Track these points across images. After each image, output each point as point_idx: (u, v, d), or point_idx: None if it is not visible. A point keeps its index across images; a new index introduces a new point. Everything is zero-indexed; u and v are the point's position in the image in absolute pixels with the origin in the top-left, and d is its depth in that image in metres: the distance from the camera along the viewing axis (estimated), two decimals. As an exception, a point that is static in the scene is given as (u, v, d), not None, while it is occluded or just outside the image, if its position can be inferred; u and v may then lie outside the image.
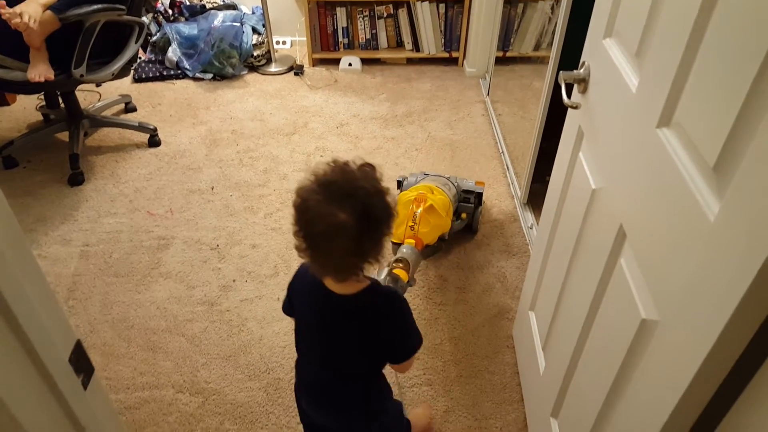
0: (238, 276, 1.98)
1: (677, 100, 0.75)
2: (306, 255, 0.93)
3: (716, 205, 0.64)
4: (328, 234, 0.88)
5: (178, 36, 3.17)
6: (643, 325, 0.81)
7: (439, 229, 1.91)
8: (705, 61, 0.70)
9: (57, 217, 2.23)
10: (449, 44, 3.38)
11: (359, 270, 0.98)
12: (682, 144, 0.73)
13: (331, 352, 1.09)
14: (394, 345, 1.08)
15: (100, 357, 1.66)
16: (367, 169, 0.93)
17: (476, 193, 2.11)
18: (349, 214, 0.87)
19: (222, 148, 2.67)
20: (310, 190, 0.89)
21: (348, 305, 1.02)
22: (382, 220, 0.92)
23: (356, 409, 1.14)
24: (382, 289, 1.08)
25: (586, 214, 1.09)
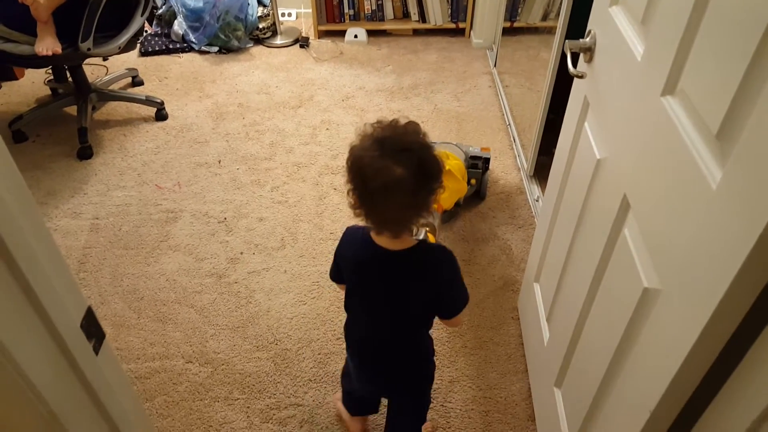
0: (246, 249, 2.00)
1: (682, 68, 0.74)
2: (362, 212, 0.96)
3: (718, 172, 0.64)
4: (386, 188, 0.90)
5: (184, 9, 3.14)
6: (645, 294, 0.82)
7: (456, 194, 1.98)
8: (708, 28, 0.69)
9: (67, 191, 2.25)
10: (456, 15, 3.32)
11: (413, 224, 1.00)
12: (686, 112, 0.72)
13: (385, 309, 1.11)
14: (444, 299, 1.09)
15: (110, 328, 1.70)
16: (414, 126, 0.95)
17: (484, 159, 2.16)
18: (405, 168, 0.89)
19: (228, 122, 2.67)
20: (365, 148, 0.91)
21: (401, 260, 1.03)
22: (435, 173, 0.95)
23: (406, 365, 1.18)
24: (433, 245, 1.10)
25: (591, 185, 1.09)
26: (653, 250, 0.80)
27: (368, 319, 1.15)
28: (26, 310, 0.54)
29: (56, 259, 0.62)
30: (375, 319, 1.13)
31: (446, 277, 1.07)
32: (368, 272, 1.08)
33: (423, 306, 1.10)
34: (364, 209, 0.96)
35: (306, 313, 1.76)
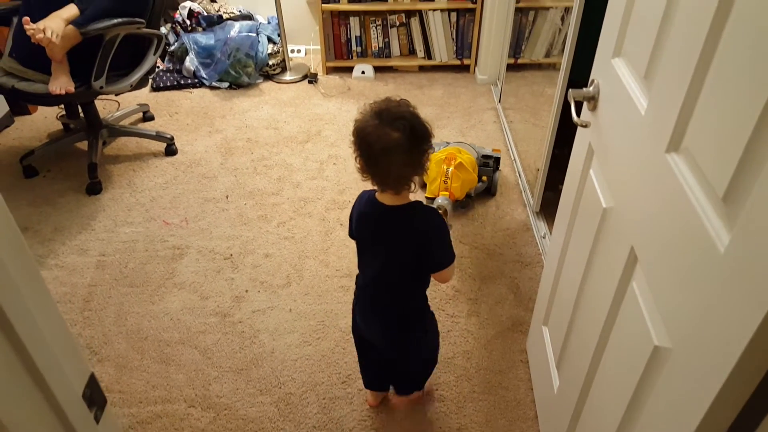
0: (251, 286, 1.99)
1: (686, 125, 0.74)
2: (367, 174, 1.16)
3: (726, 236, 0.63)
4: (386, 150, 1.10)
5: (196, 46, 3.20)
6: (655, 352, 0.80)
7: (468, 184, 2.20)
8: (713, 87, 0.69)
9: (75, 227, 2.26)
10: (461, 52, 3.37)
11: (411, 181, 1.17)
12: (692, 171, 0.72)
13: (384, 259, 1.28)
14: (430, 251, 1.24)
15: (113, 369, 1.69)
16: (405, 101, 1.16)
17: (494, 158, 2.37)
18: (400, 132, 1.09)
19: (237, 157, 2.69)
20: (366, 119, 1.12)
21: (396, 213, 1.22)
22: (425, 135, 1.14)
23: (401, 322, 1.35)
24: (425, 206, 1.27)
25: (598, 233, 1.08)
26: (663, 308, 0.79)
27: (372, 270, 1.32)
28: (26, 383, 0.53)
29: (57, 324, 0.61)
30: (378, 268, 1.30)
31: (432, 230, 1.24)
32: (368, 223, 1.28)
33: (412, 255, 1.25)
34: (369, 171, 1.15)
35: (311, 354, 1.74)
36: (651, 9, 0.86)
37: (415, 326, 1.38)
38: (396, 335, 1.37)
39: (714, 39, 0.69)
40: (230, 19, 3.31)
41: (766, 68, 0.58)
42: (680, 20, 0.77)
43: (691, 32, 0.72)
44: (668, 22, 0.81)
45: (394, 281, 1.30)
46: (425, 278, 1.33)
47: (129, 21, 2.23)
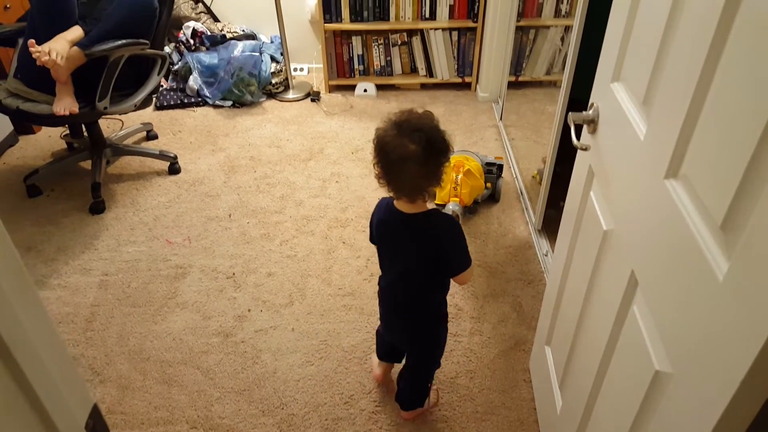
0: (254, 305, 1.99)
1: (684, 152, 0.74)
2: (384, 181, 1.21)
3: (725, 264, 0.63)
4: (402, 160, 1.15)
5: (199, 65, 3.24)
6: (657, 377, 0.80)
7: (476, 190, 2.33)
8: (710, 116, 0.69)
9: (78, 246, 2.27)
10: (462, 70, 3.40)
11: (425, 192, 1.23)
12: (690, 198, 0.72)
13: (404, 265, 1.35)
14: (449, 257, 1.30)
15: (115, 390, 1.68)
16: (428, 113, 1.22)
17: (498, 165, 2.47)
18: (417, 144, 1.13)
19: (240, 175, 2.71)
20: (386, 129, 1.17)
21: (415, 222, 1.27)
22: (442, 149, 1.18)
23: (417, 317, 1.42)
24: (442, 213, 1.34)
25: (599, 255, 1.08)
26: (663, 333, 0.79)
27: (394, 272, 1.39)
28: (26, 413, 0.53)
29: (58, 353, 0.61)
30: (398, 273, 1.38)
31: (448, 236, 1.29)
32: (387, 230, 1.34)
33: (431, 260, 1.30)
34: (386, 179, 1.20)
35: (313, 374, 1.74)
36: (649, 35, 0.88)
37: (435, 327, 1.47)
38: (417, 335, 1.47)
39: (711, 67, 0.70)
40: (234, 38, 3.35)
41: (763, 97, 0.58)
42: (678, 47, 0.79)
43: (689, 60, 0.73)
44: (666, 49, 0.82)
45: (414, 285, 1.37)
46: (444, 282, 1.39)
47: (133, 42, 2.26)
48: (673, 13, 0.80)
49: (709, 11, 0.68)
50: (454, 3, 3.18)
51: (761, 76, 0.59)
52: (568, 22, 2.21)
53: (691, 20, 0.75)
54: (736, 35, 0.65)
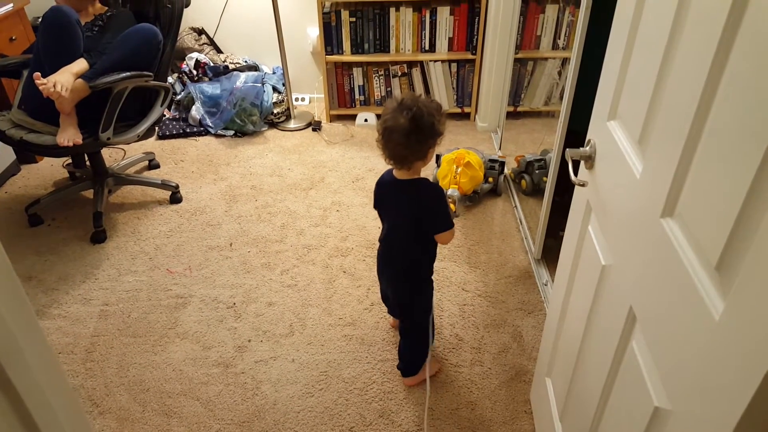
0: (254, 336, 1.99)
1: (679, 192, 0.76)
2: (380, 144, 1.45)
3: (720, 304, 0.64)
4: (391, 129, 1.40)
5: (202, 95, 3.29)
6: (656, 413, 0.81)
7: (475, 180, 2.57)
8: (705, 156, 0.71)
9: (78, 276, 2.28)
10: (461, 100, 3.45)
11: (408, 162, 1.46)
12: (686, 238, 0.74)
13: (393, 220, 1.61)
14: (430, 216, 1.53)
15: (115, 422, 1.67)
16: (432, 103, 1.43)
17: (500, 162, 2.72)
18: (405, 119, 1.38)
19: (241, 204, 2.73)
20: (391, 102, 1.42)
21: (404, 185, 1.52)
22: (425, 130, 1.40)
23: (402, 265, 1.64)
24: (429, 181, 1.55)
25: (598, 289, 1.09)
26: (662, 369, 0.80)
27: (386, 228, 1.65)
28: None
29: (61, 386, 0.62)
30: (390, 228, 1.62)
31: (430, 198, 1.53)
32: (382, 190, 1.61)
33: (414, 217, 1.54)
34: (382, 143, 1.44)
35: (313, 406, 1.73)
36: (644, 76, 0.90)
37: (413, 280, 1.66)
38: (399, 284, 1.69)
39: (705, 108, 0.71)
40: (236, 69, 3.41)
41: (756, 139, 0.60)
42: (672, 89, 0.81)
43: (683, 101, 0.76)
44: (661, 90, 0.85)
45: (401, 236, 1.60)
46: (427, 238, 1.57)
47: (137, 74, 2.30)
48: (667, 56, 0.83)
49: (703, 55, 0.71)
50: (453, 36, 3.25)
51: (754, 121, 0.61)
52: (565, 55, 2.26)
53: (685, 64, 0.77)
54: (729, 79, 0.67)
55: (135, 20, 2.52)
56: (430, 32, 3.24)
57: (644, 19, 0.92)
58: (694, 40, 0.74)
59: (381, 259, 1.72)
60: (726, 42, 0.67)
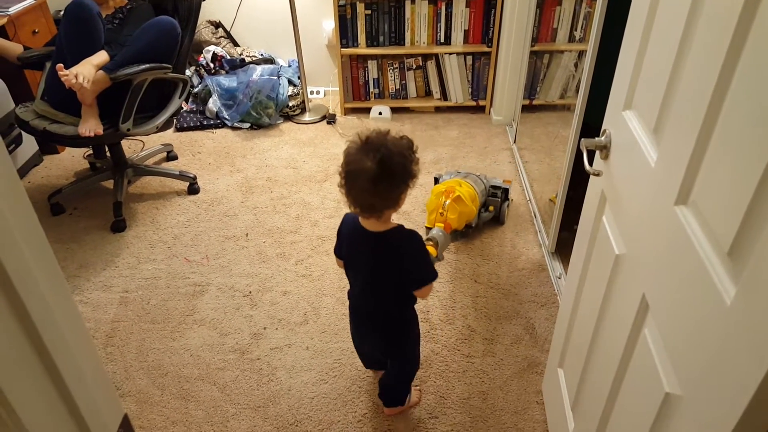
0: (269, 323, 2.02)
1: (694, 180, 0.77)
2: (344, 191, 1.23)
3: (732, 289, 0.65)
4: (356, 174, 1.18)
5: (219, 88, 3.33)
6: (667, 399, 0.82)
7: (465, 216, 2.28)
8: (719, 144, 0.72)
9: (99, 263, 2.33)
10: (476, 93, 3.45)
11: (378, 211, 1.25)
12: (699, 225, 0.75)
13: (367, 278, 1.40)
14: (411, 273, 1.36)
15: (134, 404, 1.72)
16: (402, 140, 1.24)
17: (503, 189, 2.47)
18: (372, 162, 1.16)
19: (257, 195, 2.76)
20: (354, 143, 1.21)
21: (378, 239, 1.32)
22: (396, 174, 1.20)
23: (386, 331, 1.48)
24: (405, 230, 1.35)
25: (611, 278, 1.10)
26: (673, 356, 0.81)
27: (358, 287, 1.45)
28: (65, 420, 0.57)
29: (95, 364, 0.65)
30: (362, 286, 1.43)
31: (410, 253, 1.35)
32: (355, 247, 1.39)
33: (393, 276, 1.36)
34: (345, 189, 1.23)
35: (327, 392, 1.76)
36: (660, 65, 0.91)
37: (399, 336, 1.51)
38: (381, 341, 1.53)
39: (720, 97, 0.72)
40: (252, 62, 3.44)
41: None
42: (688, 77, 0.82)
43: (698, 89, 0.76)
44: (676, 79, 0.85)
45: (378, 298, 1.43)
46: (408, 294, 1.43)
47: (156, 66, 2.34)
48: (683, 44, 0.84)
49: (719, 42, 0.71)
50: (468, 28, 3.25)
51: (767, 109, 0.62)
52: (582, 47, 2.26)
53: (700, 53, 0.78)
54: (744, 68, 0.67)
55: (154, 13, 2.56)
56: (446, 24, 3.24)
57: (660, 10, 0.93)
58: (710, 29, 0.75)
59: (357, 321, 1.55)
60: (741, 31, 0.67)
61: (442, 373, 1.82)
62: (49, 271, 0.59)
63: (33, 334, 0.54)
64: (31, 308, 0.55)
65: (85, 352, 0.63)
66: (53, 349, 0.57)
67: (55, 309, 0.58)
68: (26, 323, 0.55)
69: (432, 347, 1.91)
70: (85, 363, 0.61)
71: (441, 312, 2.06)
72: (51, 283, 0.59)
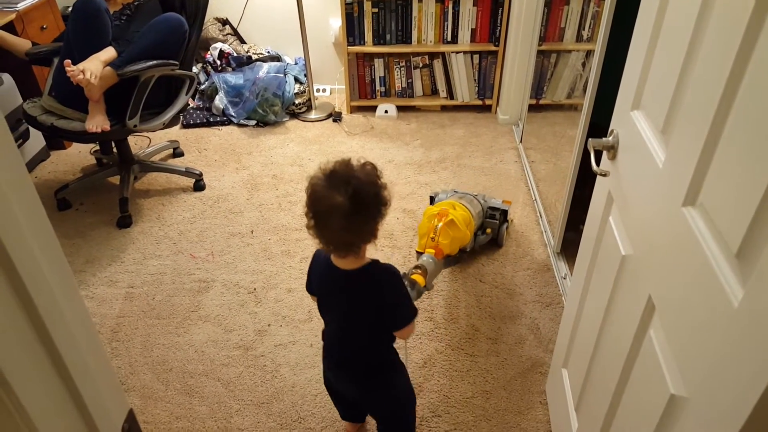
0: (274, 320, 2.03)
1: (702, 181, 0.77)
2: (313, 232, 1.13)
3: (740, 291, 0.65)
4: (327, 212, 1.08)
5: (225, 85, 3.33)
6: (672, 401, 0.81)
7: (458, 241, 2.10)
8: (727, 146, 0.72)
9: (105, 259, 2.34)
10: (483, 92, 3.44)
11: (355, 247, 1.16)
12: (707, 226, 0.74)
13: (343, 321, 1.30)
14: (390, 313, 1.25)
15: (139, 399, 1.72)
16: (367, 167, 1.14)
17: (501, 210, 2.33)
18: (344, 196, 1.06)
19: (262, 193, 2.76)
20: (317, 178, 1.11)
21: (352, 279, 1.22)
22: (371, 204, 1.11)
23: (368, 378, 1.35)
24: (380, 266, 1.24)
25: (617, 279, 1.10)
26: (679, 358, 0.80)
27: (333, 328, 1.34)
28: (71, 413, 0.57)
29: (100, 357, 0.65)
30: (338, 328, 1.33)
31: (389, 294, 1.25)
32: (328, 289, 1.29)
33: (371, 318, 1.26)
34: (316, 230, 1.12)
35: (331, 390, 1.76)
36: (668, 64, 0.90)
37: (381, 380, 1.36)
38: (363, 390, 1.38)
39: (730, 96, 0.72)
40: (259, 60, 3.44)
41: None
42: (697, 76, 0.81)
43: (708, 89, 0.76)
44: (685, 80, 0.85)
45: (356, 340, 1.31)
46: (387, 335, 1.32)
47: (163, 63, 2.35)
48: (692, 44, 0.83)
49: (729, 41, 0.71)
50: (476, 27, 3.24)
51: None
52: (589, 47, 2.25)
53: (710, 51, 0.77)
54: (755, 66, 0.67)
55: (162, 9, 2.57)
56: (453, 23, 3.23)
57: (670, 9, 0.92)
58: (720, 29, 0.74)
59: (332, 363, 1.40)
60: (752, 31, 0.67)
61: (445, 371, 1.82)
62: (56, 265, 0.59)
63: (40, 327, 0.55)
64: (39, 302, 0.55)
65: (91, 346, 0.63)
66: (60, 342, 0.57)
67: (62, 303, 0.58)
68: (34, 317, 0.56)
69: (436, 346, 1.91)
70: (91, 357, 0.62)
71: (445, 311, 2.06)
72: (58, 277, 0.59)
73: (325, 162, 1.11)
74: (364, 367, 1.34)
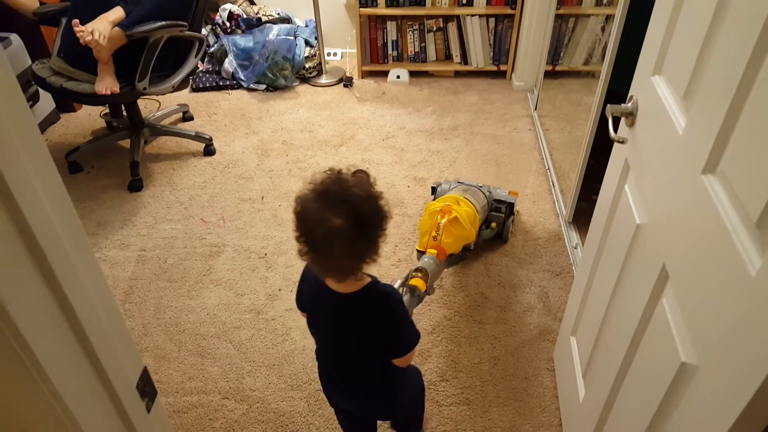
0: (284, 285, 2.04)
1: (723, 148, 0.75)
2: (308, 258, 0.99)
3: (758, 260, 0.64)
4: (326, 238, 0.94)
5: (235, 48, 3.29)
6: (682, 369, 0.81)
7: (462, 240, 1.95)
8: (752, 112, 0.70)
9: (117, 222, 2.36)
10: (498, 57, 3.37)
11: (357, 270, 1.04)
12: (727, 194, 0.73)
13: (338, 346, 1.20)
14: (389, 341, 1.14)
15: (152, 360, 1.76)
16: (361, 176, 1.01)
17: (507, 203, 2.19)
18: (343, 219, 0.93)
19: (272, 158, 2.75)
20: (308, 199, 0.96)
21: (347, 303, 1.09)
22: (374, 223, 0.98)
23: (370, 395, 1.26)
24: (380, 289, 1.12)
25: (630, 248, 1.09)
26: (692, 326, 0.80)
27: (327, 351, 1.24)
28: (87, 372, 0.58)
29: (115, 316, 0.66)
30: (332, 351, 1.23)
31: (389, 320, 1.13)
32: (321, 311, 1.17)
33: (368, 346, 1.15)
34: (310, 256, 0.99)
35: (340, 354, 1.78)
36: (694, 30, 0.87)
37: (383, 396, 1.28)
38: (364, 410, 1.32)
39: (757, 61, 0.69)
40: (269, 22, 3.39)
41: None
42: (723, 42, 0.78)
43: (734, 55, 0.73)
44: (710, 44, 0.82)
45: (352, 366, 1.22)
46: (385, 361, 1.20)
47: (172, 24, 2.31)
48: (719, 7, 0.80)
49: (757, 6, 0.68)
50: (491, -10, 3.15)
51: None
52: (609, 11, 2.18)
53: (737, 15, 0.74)
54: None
55: (170, -31, 2.51)
56: (468, -14, 3.15)
57: (698, -31, 0.89)
58: (751, -11, 0.71)
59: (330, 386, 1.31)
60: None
61: (453, 338, 1.84)
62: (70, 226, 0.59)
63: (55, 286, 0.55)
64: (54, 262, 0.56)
65: (105, 305, 0.64)
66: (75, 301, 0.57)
67: (76, 262, 0.58)
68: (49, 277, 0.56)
69: (444, 313, 1.92)
70: (105, 316, 0.62)
71: (454, 278, 2.06)
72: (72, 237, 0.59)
73: (312, 176, 0.98)
74: (363, 391, 1.25)
